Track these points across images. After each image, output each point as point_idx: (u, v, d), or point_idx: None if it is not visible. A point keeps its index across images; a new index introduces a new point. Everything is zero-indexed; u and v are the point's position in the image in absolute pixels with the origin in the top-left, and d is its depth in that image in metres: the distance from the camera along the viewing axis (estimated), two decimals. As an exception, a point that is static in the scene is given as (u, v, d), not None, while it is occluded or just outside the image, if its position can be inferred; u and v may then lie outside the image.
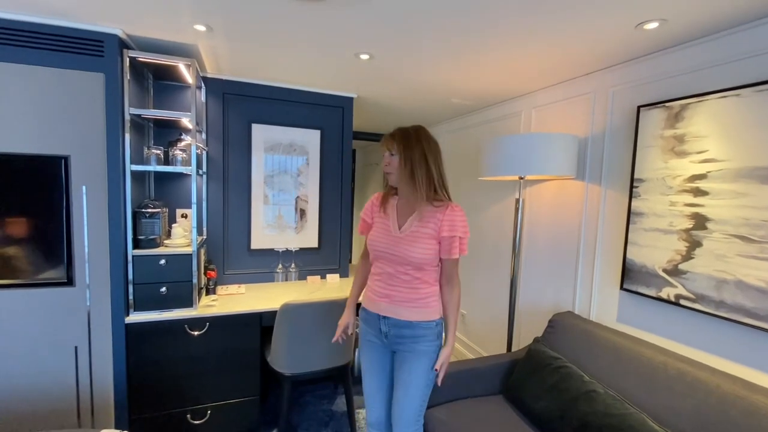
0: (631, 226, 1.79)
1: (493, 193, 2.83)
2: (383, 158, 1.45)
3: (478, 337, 3.00)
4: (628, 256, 1.80)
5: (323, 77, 2.31)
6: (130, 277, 1.83)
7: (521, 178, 2.12)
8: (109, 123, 1.72)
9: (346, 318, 1.63)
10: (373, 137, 4.50)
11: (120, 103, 1.74)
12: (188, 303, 1.95)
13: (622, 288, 1.83)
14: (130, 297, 1.84)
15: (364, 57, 1.91)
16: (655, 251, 1.68)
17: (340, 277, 2.74)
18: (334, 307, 2.01)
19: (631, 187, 1.79)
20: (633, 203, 1.79)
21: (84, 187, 1.70)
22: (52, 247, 1.69)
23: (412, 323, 1.39)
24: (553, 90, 2.29)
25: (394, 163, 1.40)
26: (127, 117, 1.77)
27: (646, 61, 1.75)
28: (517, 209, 2.15)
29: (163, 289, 1.89)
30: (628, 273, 1.80)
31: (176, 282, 1.92)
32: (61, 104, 1.64)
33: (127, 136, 1.78)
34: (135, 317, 1.84)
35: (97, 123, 1.70)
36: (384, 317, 1.43)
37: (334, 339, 1.61)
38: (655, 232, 1.68)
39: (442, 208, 1.37)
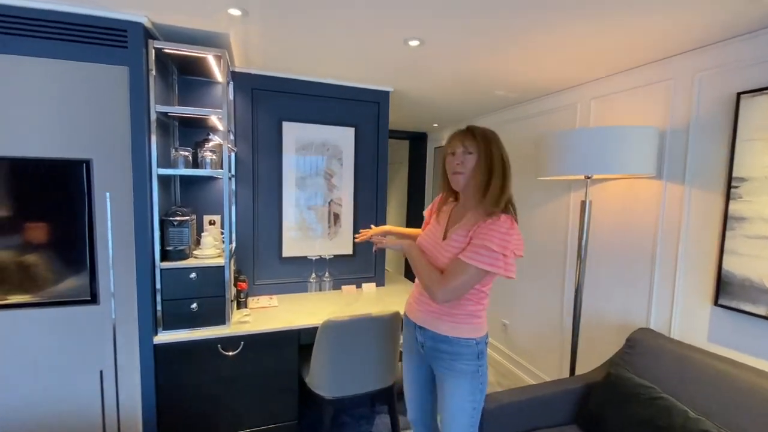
0: (728, 232, 1.54)
1: (539, 193, 2.59)
2: (452, 156, 1.29)
3: (523, 350, 2.77)
4: (725, 267, 1.55)
5: (360, 69, 2.10)
6: (158, 292, 1.66)
7: (588, 177, 1.88)
8: (134, 122, 1.54)
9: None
10: (401, 135, 4.28)
11: (145, 100, 1.56)
12: (221, 320, 1.77)
13: (716, 304, 1.58)
14: (159, 315, 1.67)
15: (413, 43, 1.69)
16: (763, 262, 1.44)
17: (377, 286, 2.54)
18: (380, 324, 1.81)
19: (729, 187, 1.54)
20: (731, 206, 1.54)
21: (108, 194, 1.53)
22: (73, 261, 1.52)
23: (449, 338, 1.28)
24: (618, 78, 2.04)
25: (469, 163, 1.25)
26: (153, 115, 1.60)
27: (750, 39, 1.50)
28: (583, 211, 1.91)
29: (194, 305, 1.71)
30: (724, 287, 1.55)
31: (208, 297, 1.74)
32: (81, 101, 1.47)
33: (153, 137, 1.60)
34: (164, 337, 1.67)
35: (121, 122, 1.53)
36: (420, 327, 1.37)
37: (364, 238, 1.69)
38: (764, 240, 1.44)
39: (491, 217, 1.22)
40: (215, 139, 1.98)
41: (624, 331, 1.97)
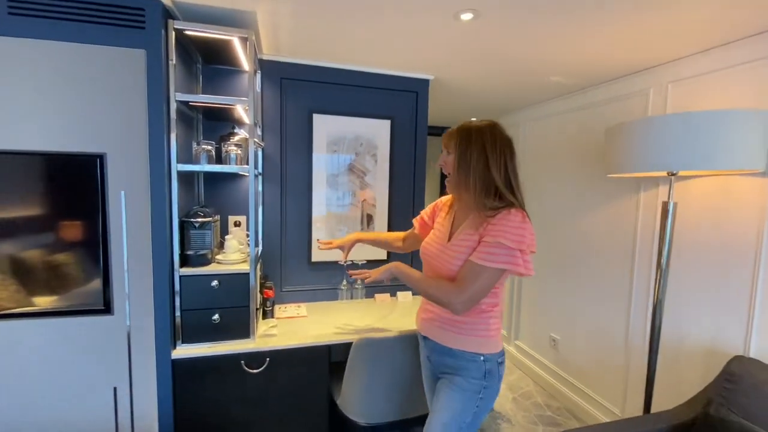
0: None
1: (595, 193, 2.27)
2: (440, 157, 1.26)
3: (577, 370, 2.46)
4: None
5: (401, 53, 1.87)
6: (177, 302, 1.50)
7: (672, 174, 1.58)
8: (151, 112, 1.38)
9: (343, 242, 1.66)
10: (433, 131, 4.03)
11: (164, 87, 1.40)
12: (245, 333, 1.59)
13: None
14: (177, 326, 1.51)
15: (466, 17, 1.45)
16: None
17: (413, 295, 2.30)
18: (406, 342, 1.57)
19: None
20: None
21: (123, 193, 1.37)
22: (85, 267, 1.38)
23: (453, 351, 1.18)
24: (702, 58, 1.71)
25: (449, 163, 1.21)
26: (174, 105, 1.43)
27: None
28: (665, 215, 1.60)
29: (216, 316, 1.54)
30: None
31: (231, 308, 1.56)
32: (92, 89, 1.32)
33: (173, 129, 1.43)
34: (183, 351, 1.50)
35: (138, 112, 1.37)
36: (425, 338, 1.30)
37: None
38: None
39: (499, 212, 1.11)
40: (241, 133, 1.81)
41: (712, 358, 1.65)
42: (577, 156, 2.46)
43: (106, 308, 1.40)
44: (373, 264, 2.21)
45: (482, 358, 1.15)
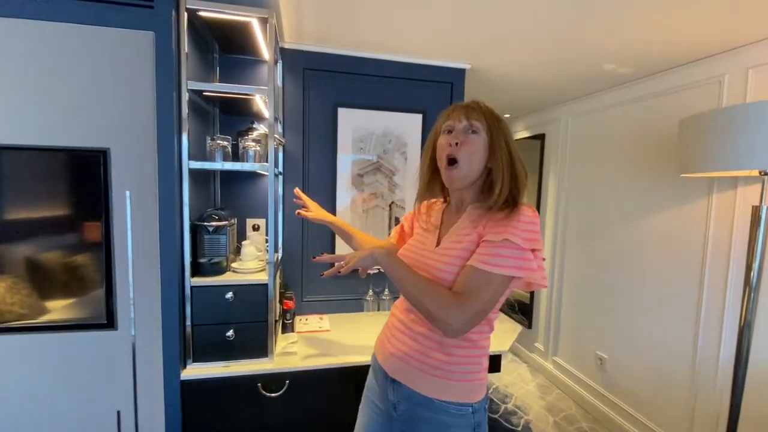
0: None
1: (653, 195, 2.01)
2: (448, 135, 0.92)
3: (629, 394, 2.18)
4: None
5: (435, 36, 1.67)
6: (188, 315, 1.33)
7: (765, 174, 1.32)
8: (160, 102, 1.22)
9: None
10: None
11: (175, 74, 1.24)
12: (262, 351, 1.41)
13: None
14: (188, 343, 1.34)
15: (520, -11, 1.24)
16: None
17: (446, 307, 2.09)
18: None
19: None
20: None
21: (128, 193, 1.22)
22: (85, 278, 1.23)
23: (433, 402, 0.89)
24: (802, 34, 1.45)
25: (473, 145, 0.88)
26: (186, 94, 1.27)
27: None
28: (756, 221, 1.34)
29: (230, 332, 1.37)
30: None
31: (247, 323, 1.39)
32: (95, 76, 1.17)
33: (186, 121, 1.27)
34: (193, 371, 1.34)
35: (145, 103, 1.21)
36: (393, 381, 0.95)
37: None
38: None
39: (507, 208, 0.86)
40: (260, 128, 1.65)
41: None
42: (631, 154, 2.19)
43: (109, 322, 1.24)
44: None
45: (471, 409, 0.88)
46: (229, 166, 1.37)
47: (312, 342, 1.62)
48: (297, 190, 1.40)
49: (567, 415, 2.45)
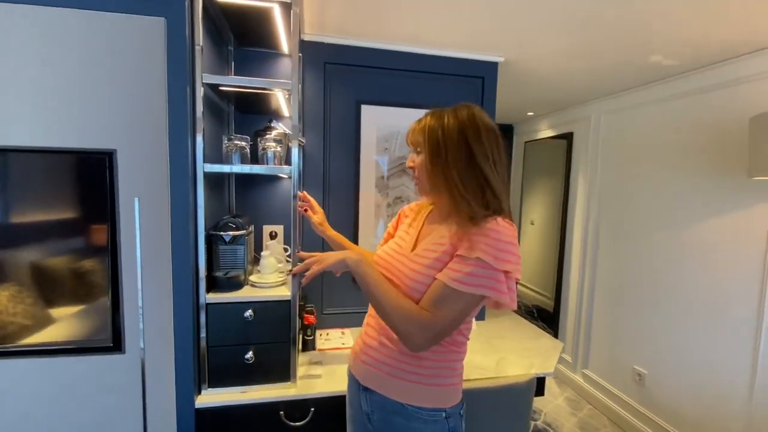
0: None
1: (702, 197, 1.84)
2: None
3: (673, 414, 2.02)
4: None
5: (468, 25, 1.53)
6: (203, 336, 1.20)
7: None
8: (172, 98, 1.09)
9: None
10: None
11: (188, 66, 1.10)
12: (284, 375, 1.27)
13: None
14: (203, 367, 1.21)
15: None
16: None
17: (475, 319, 1.94)
18: (509, 397, 1.22)
19: None
20: None
21: (136, 200, 1.08)
22: (89, 293, 1.10)
23: (405, 408, 0.88)
24: None
25: (419, 165, 0.92)
26: (200, 89, 1.13)
27: None
28: None
29: (249, 354, 1.23)
30: None
31: (268, 343, 1.25)
32: (99, 68, 1.04)
33: (200, 119, 1.14)
34: (209, 397, 1.20)
35: (155, 98, 1.08)
36: (366, 389, 0.95)
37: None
38: None
39: (484, 221, 0.82)
40: (279, 128, 1.51)
41: None
42: (676, 154, 2.03)
43: (116, 345, 1.11)
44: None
45: (445, 414, 0.88)
46: (249, 169, 1.23)
47: (335, 361, 1.47)
48: (304, 194, 1.30)
49: (602, 434, 2.29)
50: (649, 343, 2.18)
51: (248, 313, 1.22)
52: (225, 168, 1.20)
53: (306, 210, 1.28)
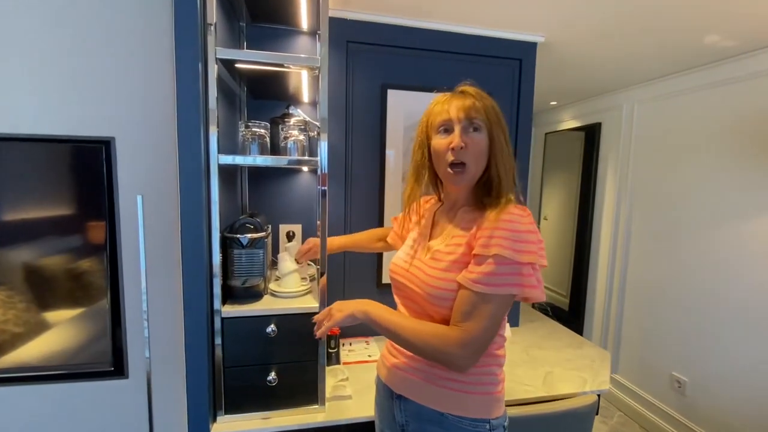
0: None
1: (757, 191, 1.68)
2: (445, 133, 0.81)
3: (720, 426, 1.87)
4: None
5: (507, 1, 1.35)
6: (219, 355, 1.03)
7: None
8: (181, 76, 0.91)
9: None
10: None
11: (200, 39, 0.92)
12: (311, 398, 1.11)
13: None
14: (219, 391, 1.04)
15: None
16: None
17: (511, 326, 1.78)
18: (567, 423, 1.06)
19: None
20: None
21: (139, 198, 0.91)
22: (86, 299, 0.93)
23: (446, 418, 0.80)
24: None
25: (479, 145, 0.79)
26: (213, 65, 0.95)
27: None
28: None
29: (272, 375, 1.06)
30: None
31: (293, 362, 1.08)
32: (94, 40, 0.86)
33: (214, 103, 0.96)
34: (226, 425, 1.04)
35: (161, 77, 0.90)
36: (399, 397, 0.87)
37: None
38: None
39: (496, 209, 0.75)
40: (298, 114, 1.33)
41: None
42: (721, 146, 1.86)
43: (117, 369, 0.94)
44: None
45: (489, 426, 0.80)
46: (272, 161, 1.05)
47: (363, 377, 1.31)
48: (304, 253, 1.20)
49: (637, 445, 2.15)
50: (690, 348, 2.02)
51: (271, 328, 1.05)
52: (248, 160, 1.03)
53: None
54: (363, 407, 1.14)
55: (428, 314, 0.82)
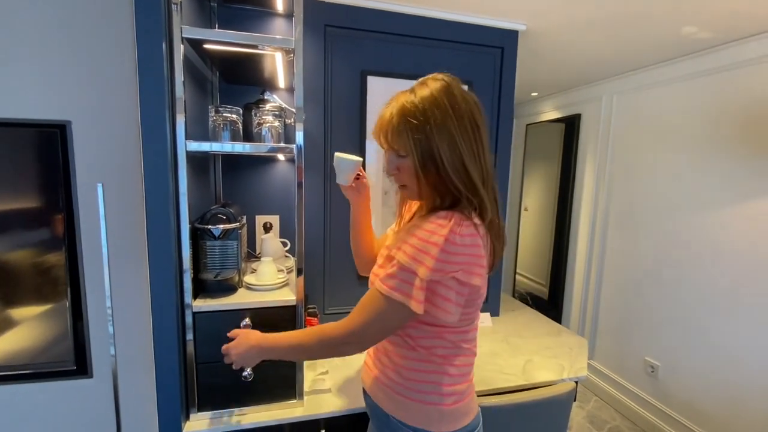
0: None
1: (726, 181, 1.73)
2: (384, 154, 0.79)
3: (690, 408, 1.94)
4: None
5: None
6: (191, 351, 0.99)
7: None
8: (143, 56, 0.85)
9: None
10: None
11: (164, 16, 0.86)
12: (289, 392, 1.08)
13: None
14: (191, 388, 1.00)
15: None
16: None
17: (492, 315, 1.79)
18: (546, 410, 1.07)
19: None
20: None
21: (100, 186, 0.85)
22: (45, 310, 0.87)
23: (390, 420, 0.79)
24: None
25: (404, 167, 0.75)
26: (179, 45, 0.90)
27: None
28: None
29: (248, 370, 1.03)
30: None
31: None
32: (50, 19, 0.79)
33: (180, 85, 0.90)
34: (199, 423, 1.00)
35: (121, 57, 0.84)
36: (364, 391, 0.90)
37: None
38: None
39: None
40: (273, 100, 1.28)
41: None
42: (696, 136, 1.90)
43: (80, 368, 0.89)
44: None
45: None
46: (245, 148, 1.00)
47: (344, 371, 1.29)
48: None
49: (613, 428, 2.21)
50: (663, 334, 2.09)
51: (245, 322, 1.01)
52: (214, 146, 0.97)
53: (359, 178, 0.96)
54: (342, 401, 1.12)
55: None
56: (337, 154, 0.89)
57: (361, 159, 0.90)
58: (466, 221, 0.69)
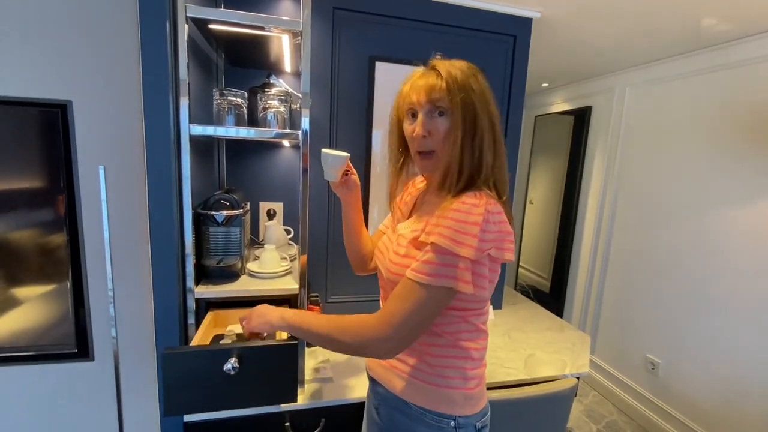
0: None
1: (736, 181, 1.69)
2: (411, 118, 0.75)
3: (690, 406, 1.94)
4: None
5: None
6: (191, 338, 0.99)
7: None
8: (145, 35, 0.82)
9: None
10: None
11: (168, -8, 0.83)
12: (290, 389, 1.08)
13: None
14: (192, 373, 1.00)
15: None
16: None
17: (493, 308, 1.78)
18: (547, 407, 1.07)
19: None
20: None
21: (101, 169, 0.84)
22: (48, 292, 0.86)
23: (409, 407, 0.78)
24: None
25: (440, 129, 0.72)
26: (183, 25, 0.87)
27: None
28: None
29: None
30: None
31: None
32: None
33: (184, 66, 0.88)
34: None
35: (124, 36, 0.81)
36: (373, 380, 0.87)
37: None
38: None
39: (462, 194, 0.69)
40: (279, 84, 1.25)
41: None
42: (711, 132, 1.85)
43: (82, 351, 0.89)
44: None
45: (453, 423, 0.76)
46: (246, 132, 0.98)
47: (344, 359, 1.29)
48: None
49: (610, 422, 2.22)
50: (665, 331, 2.08)
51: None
52: (219, 131, 0.95)
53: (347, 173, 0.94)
54: (344, 390, 1.12)
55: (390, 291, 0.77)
56: (323, 149, 0.86)
57: (348, 154, 0.87)
58: (492, 199, 0.69)
